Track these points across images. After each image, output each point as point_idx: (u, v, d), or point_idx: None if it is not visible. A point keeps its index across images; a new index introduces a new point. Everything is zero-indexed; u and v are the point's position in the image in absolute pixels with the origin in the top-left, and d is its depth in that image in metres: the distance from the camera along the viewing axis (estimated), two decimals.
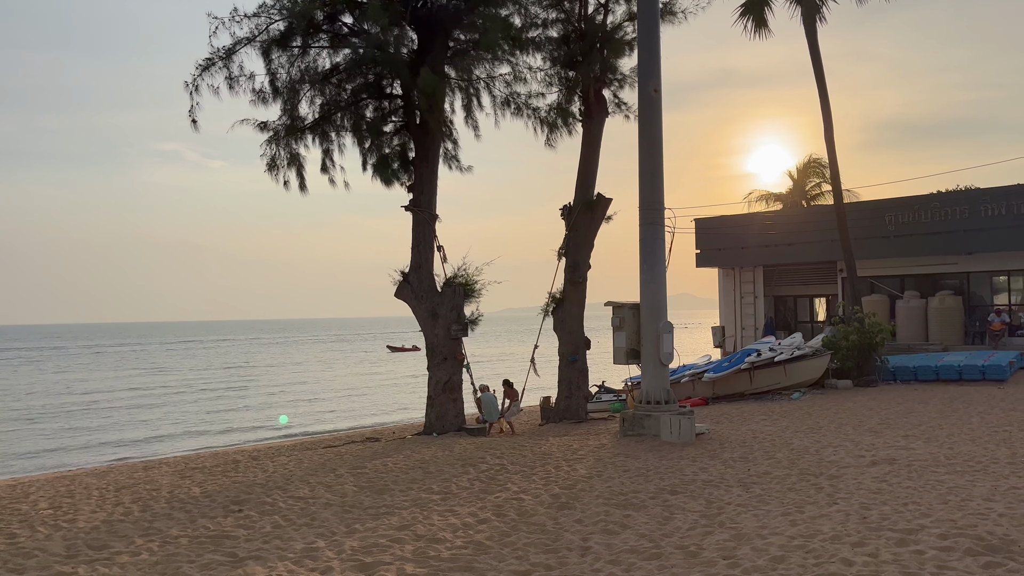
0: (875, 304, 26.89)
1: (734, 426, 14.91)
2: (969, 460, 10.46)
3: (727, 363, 21.51)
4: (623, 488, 9.60)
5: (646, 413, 13.33)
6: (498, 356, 62.90)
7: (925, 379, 20.74)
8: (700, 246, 31.32)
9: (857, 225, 27.08)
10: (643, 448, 12.50)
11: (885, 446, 11.82)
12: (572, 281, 18.89)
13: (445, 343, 15.97)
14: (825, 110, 22.50)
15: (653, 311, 13.60)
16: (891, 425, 13.98)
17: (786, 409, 17.46)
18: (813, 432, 13.61)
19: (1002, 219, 24.72)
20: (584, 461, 11.60)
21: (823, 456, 11.18)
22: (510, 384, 18.41)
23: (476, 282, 16.47)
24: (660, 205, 13.69)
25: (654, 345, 13.51)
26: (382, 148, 17.51)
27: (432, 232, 16.90)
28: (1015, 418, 14.10)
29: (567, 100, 19.65)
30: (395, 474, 11.02)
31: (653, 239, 13.62)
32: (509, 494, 9.48)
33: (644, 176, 13.70)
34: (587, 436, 14.79)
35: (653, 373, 13.56)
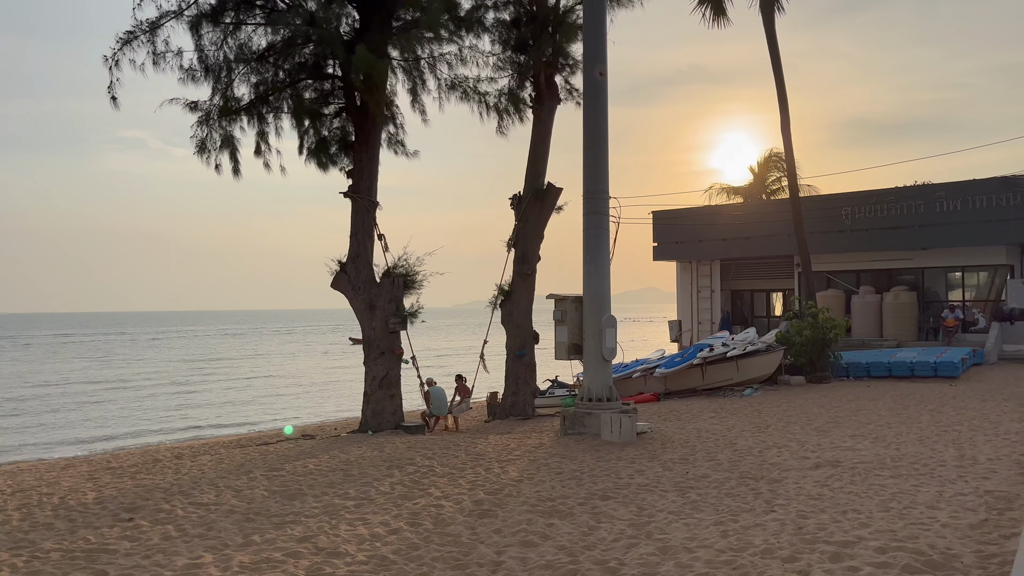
0: (831, 299, 26.71)
1: (680, 424, 14.41)
2: (916, 462, 10.04)
3: (679, 358, 21.06)
4: (552, 493, 8.99)
5: (587, 411, 12.75)
6: (465, 349, 62.28)
7: (878, 375, 20.49)
8: (657, 239, 30.91)
9: (814, 219, 26.86)
10: (582, 448, 11.92)
11: (831, 447, 11.38)
12: (521, 273, 18.29)
13: (383, 337, 15.23)
14: (782, 102, 22.13)
15: (596, 304, 13.02)
16: (840, 424, 13.58)
17: (736, 406, 17.03)
18: (760, 431, 13.15)
19: (957, 214, 24.62)
20: (518, 462, 10.99)
21: (766, 458, 10.69)
22: (462, 379, 17.74)
23: (417, 273, 15.75)
24: (604, 194, 13.10)
25: (597, 340, 12.93)
26: (320, 131, 16.72)
27: (372, 220, 16.13)
28: (965, 417, 13.78)
29: (519, 85, 19.01)
30: (313, 477, 10.30)
31: (597, 229, 13.03)
32: (430, 500, 8.82)
33: (588, 163, 13.09)
34: (529, 434, 14.20)
35: (595, 369, 12.99)
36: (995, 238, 24.17)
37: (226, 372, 48.80)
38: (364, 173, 16.16)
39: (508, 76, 18.98)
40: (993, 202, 24.00)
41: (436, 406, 16.40)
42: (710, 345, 21.03)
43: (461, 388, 17.36)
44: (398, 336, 15.49)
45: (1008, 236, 23.96)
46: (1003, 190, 23.86)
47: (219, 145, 16.35)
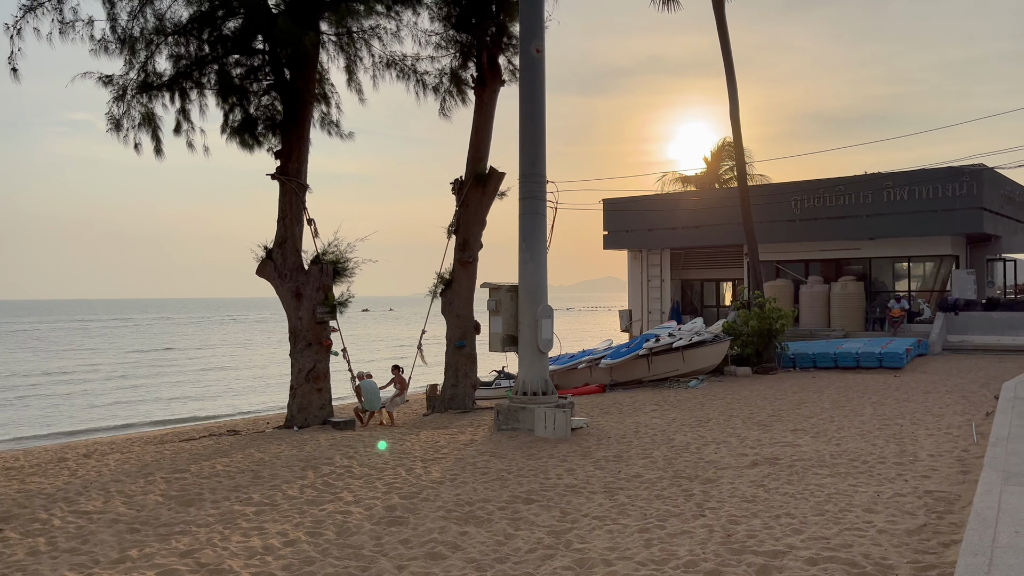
0: (780, 289, 26.54)
1: (620, 418, 13.91)
2: (855, 459, 9.63)
3: (625, 349, 20.62)
4: (472, 496, 8.37)
5: (521, 406, 12.16)
6: (410, 339, 61.45)
7: (824, 366, 20.29)
8: (608, 227, 30.45)
9: (763, 208, 26.63)
10: (513, 445, 11.32)
11: (771, 442, 10.95)
12: (462, 261, 17.63)
13: (310, 327, 14.44)
14: (731, 88, 21.73)
15: (532, 294, 12.41)
16: (782, 417, 13.20)
17: (680, 398, 16.62)
18: (700, 425, 12.70)
19: (903, 204, 24.57)
20: (443, 461, 10.35)
21: (703, 455, 10.21)
22: (399, 370, 17.02)
23: (348, 260, 14.98)
24: (541, 177, 12.47)
25: (532, 331, 12.34)
26: (248, 110, 15.81)
27: (301, 204, 15.30)
28: (907, 410, 13.51)
29: (462, 66, 18.30)
30: (218, 479, 9.54)
31: (533, 215, 12.40)
32: (339, 505, 8.14)
33: (524, 144, 12.44)
34: (464, 429, 13.58)
35: (530, 362, 12.39)
36: (941, 228, 24.18)
37: (182, 363, 47.34)
38: (293, 154, 15.31)
39: (450, 56, 18.27)
40: (939, 192, 23.98)
41: (368, 400, 15.70)
42: (656, 335, 20.63)
43: (398, 380, 16.66)
44: (326, 326, 14.71)
45: (953, 226, 23.97)
46: (949, 180, 23.85)
47: (138, 123, 15.37)
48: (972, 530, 5.37)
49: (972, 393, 15.19)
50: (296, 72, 15.07)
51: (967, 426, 11.59)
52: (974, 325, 23.53)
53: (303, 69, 14.87)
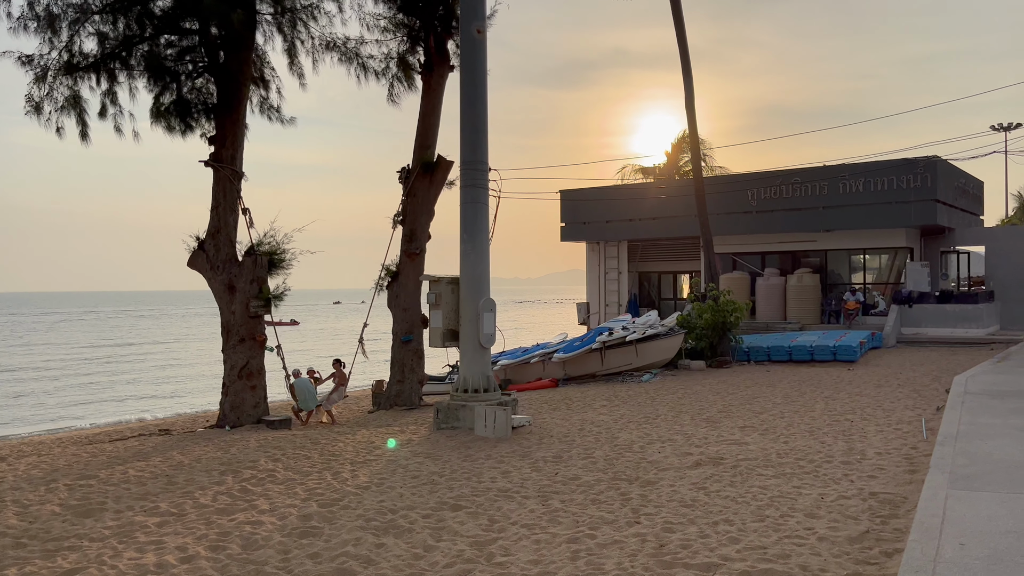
0: (736, 281, 26.34)
1: (568, 414, 13.47)
2: (802, 458, 9.28)
3: (579, 343, 20.21)
4: (397, 503, 7.84)
5: (462, 403, 11.64)
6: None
7: (778, 359, 20.07)
8: (565, 219, 30.01)
9: (720, 200, 26.39)
10: (451, 445, 10.81)
11: (717, 440, 10.57)
12: (408, 252, 17.05)
13: (243, 322, 13.76)
14: (687, 76, 21.37)
15: (473, 287, 11.89)
16: (731, 413, 12.85)
17: (632, 393, 16.24)
18: (648, 422, 12.30)
19: (859, 196, 24.48)
20: (374, 464, 9.80)
21: (646, 454, 9.79)
22: (340, 364, 16.39)
23: (284, 251, 14.30)
24: (483, 164, 11.94)
25: (474, 325, 11.81)
26: (180, 92, 15.05)
27: (236, 192, 14.58)
28: (859, 404, 13.25)
29: (410, 50, 17.68)
30: (127, 486, 8.88)
31: (474, 204, 11.87)
32: (252, 515, 7.55)
33: (465, 130, 11.90)
34: (405, 428, 13.04)
35: (472, 357, 11.88)
36: (896, 220, 24.12)
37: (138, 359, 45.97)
38: (227, 140, 14.58)
39: (398, 40, 17.63)
40: (894, 184, 23.91)
41: (303, 399, 15.08)
42: (610, 329, 20.26)
43: (338, 375, 16.03)
44: (260, 321, 14.03)
45: (908, 218, 23.93)
46: (903, 172, 23.79)
47: (60, 106, 14.53)
48: (915, 542, 4.98)
49: (924, 387, 15.01)
50: (230, 53, 14.34)
51: (917, 421, 11.34)
52: (928, 317, 23.54)
53: (237, 50, 14.14)
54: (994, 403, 11.00)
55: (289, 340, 16.97)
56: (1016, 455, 7.63)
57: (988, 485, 6.46)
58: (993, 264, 26.15)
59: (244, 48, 14.48)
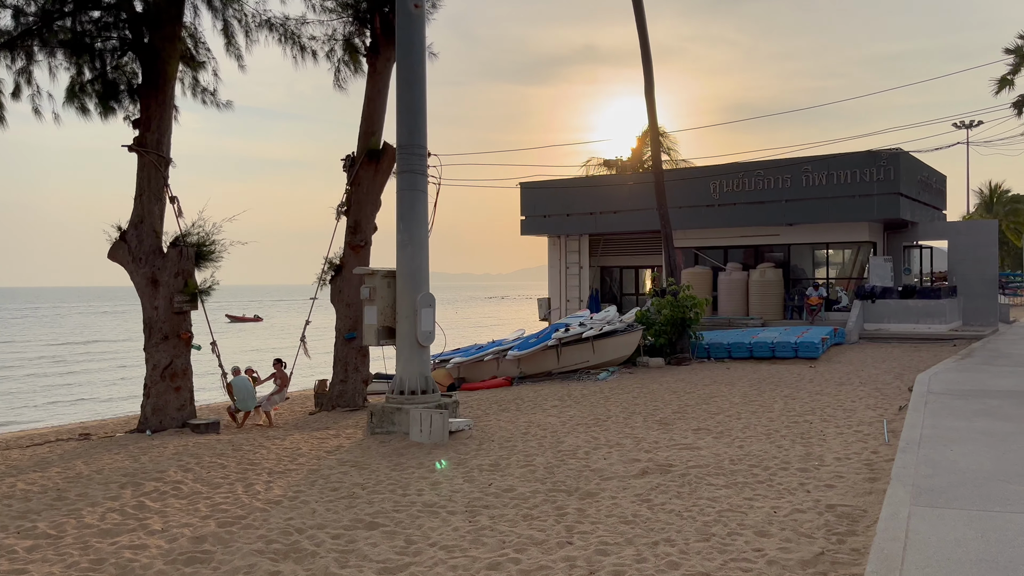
0: (699, 276, 25.80)
1: (515, 416, 12.72)
2: (757, 465, 8.62)
3: (534, 339, 19.47)
4: (307, 521, 7.02)
5: (397, 406, 10.83)
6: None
7: (739, 356, 19.50)
8: (525, 212, 29.25)
9: (682, 193, 25.83)
10: (383, 452, 10.00)
11: (669, 444, 9.88)
12: (352, 245, 16.15)
13: (167, 318, 12.80)
14: (646, 63, 20.70)
15: (411, 280, 11.07)
16: (686, 414, 12.19)
17: (586, 392, 15.54)
18: (598, 424, 11.59)
19: (823, 189, 24.03)
20: (295, 473, 8.96)
21: (591, 461, 9.06)
22: (281, 364, 15.47)
23: (213, 242, 13.36)
24: (421, 148, 11.12)
25: (411, 322, 11.00)
26: (106, 72, 14.02)
27: (162, 179, 13.60)
28: (819, 404, 12.66)
29: (358, 32, 16.78)
30: (8, 503, 7.95)
31: (412, 191, 11.05)
32: (138, 537, 6.69)
33: (402, 111, 11.07)
34: (341, 432, 12.22)
35: (408, 356, 11.06)
36: (859, 214, 23.72)
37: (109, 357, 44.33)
38: (152, 123, 13.58)
39: (343, 21, 16.73)
40: (857, 177, 23.50)
41: (241, 399, 14.16)
42: (567, 325, 19.55)
43: (279, 375, 15.12)
44: (186, 317, 13.07)
45: (871, 212, 23.53)
46: (866, 165, 23.38)
47: None
48: (873, 574, 4.28)
49: (886, 385, 14.50)
50: (154, 29, 13.34)
51: (879, 423, 10.76)
52: (890, 313, 23.17)
53: (160, 26, 13.17)
54: (958, 404, 10.45)
55: (256, 337, 16.05)
56: (983, 464, 7.01)
57: (955, 500, 5.82)
58: (956, 259, 25.90)
59: (169, 23, 13.49)
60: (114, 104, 13.93)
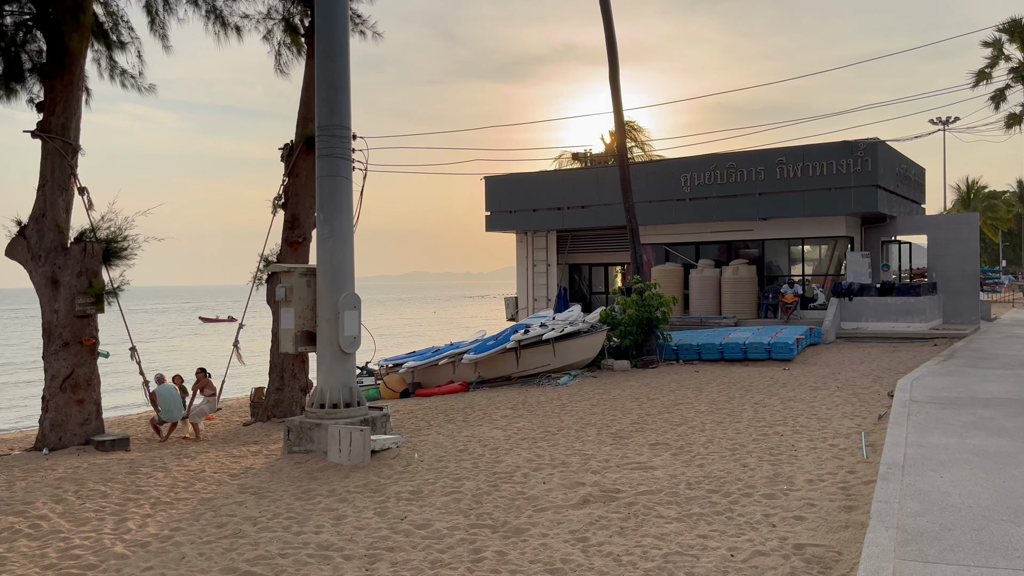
0: (669, 273, 24.72)
1: (457, 429, 11.50)
2: (717, 489, 7.46)
3: (492, 341, 18.26)
4: (168, 572, 5.77)
5: (316, 421, 9.58)
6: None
7: (709, 358, 18.39)
8: (490, 207, 28.02)
9: (651, 187, 24.72)
10: (294, 476, 8.75)
11: (620, 463, 8.71)
12: (290, 241, 14.92)
13: (68, 322, 11.45)
14: (611, 49, 19.54)
15: (333, 279, 9.83)
16: (645, 426, 11.03)
17: (544, 399, 14.36)
18: (547, 438, 10.41)
19: (798, 181, 23.00)
20: (182, 505, 7.68)
21: (528, 486, 7.86)
22: (205, 374, 14.18)
23: (126, 238, 12.03)
24: (343, 130, 9.87)
25: (333, 326, 9.76)
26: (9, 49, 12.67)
27: (68, 168, 12.25)
28: (792, 413, 11.55)
29: (302, 11, 15.55)
30: None
31: (333, 177, 9.80)
32: None
33: (322, 88, 9.82)
34: (262, 448, 10.96)
35: (330, 365, 9.81)
36: (835, 208, 22.71)
37: None
38: (57, 106, 12.23)
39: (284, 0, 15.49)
40: (833, 168, 22.47)
41: (166, 410, 12.88)
42: (527, 326, 18.38)
43: (203, 384, 13.83)
44: (91, 322, 11.72)
45: (848, 206, 22.53)
46: (843, 156, 22.36)
47: None
48: None
49: (864, 389, 13.43)
50: (55, 1, 11.99)
51: (856, 434, 9.66)
52: (868, 311, 22.19)
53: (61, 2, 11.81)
54: (944, 415, 9.35)
55: (230, 338, 14.77)
56: (981, 497, 5.87)
57: (950, 552, 4.68)
58: (935, 254, 24.98)
59: None
60: (16, 85, 12.56)
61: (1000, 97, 49.14)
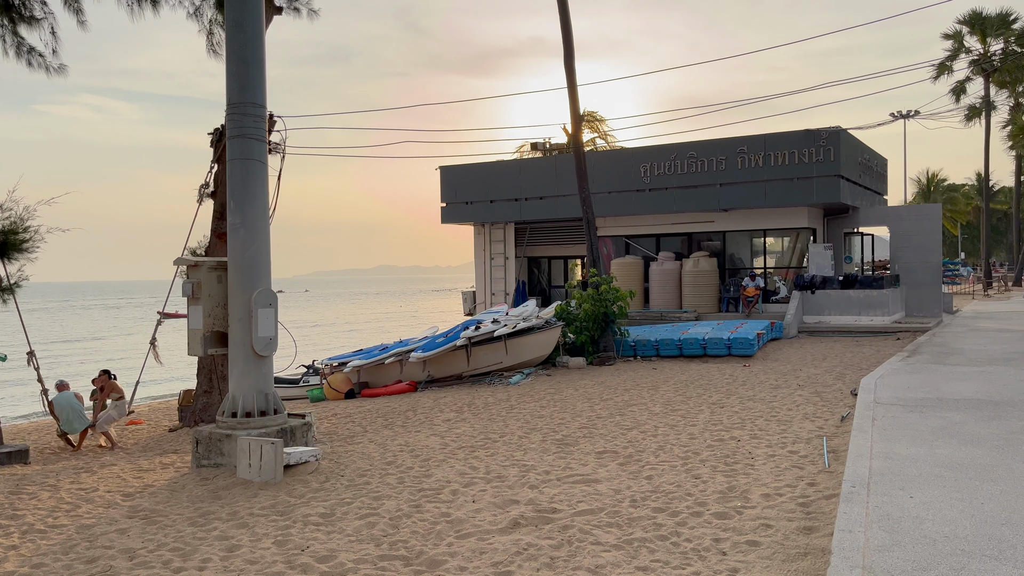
0: (629, 266, 24.02)
1: (392, 436, 10.62)
2: (664, 508, 6.68)
3: (442, 338, 17.36)
4: None
5: (228, 431, 8.62)
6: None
7: (668, 354, 17.69)
8: (446, 199, 27.06)
9: (610, 177, 23.98)
10: (195, 496, 7.80)
11: (561, 476, 7.89)
12: (219, 233, 13.86)
13: None
14: (565, 31, 18.69)
15: (245, 273, 8.87)
16: (595, 431, 10.24)
17: (492, 400, 13.52)
18: (487, 446, 9.57)
19: (759, 171, 22.38)
20: (55, 534, 6.71)
21: (455, 506, 7.01)
22: (109, 375, 13.09)
23: (24, 229, 10.94)
24: (258, 108, 8.91)
25: (245, 326, 8.80)
26: None
27: None
28: (751, 415, 10.83)
29: None
30: None
31: (244, 160, 8.84)
32: None
33: (232, 62, 8.85)
34: (176, 460, 9.98)
35: (243, 369, 8.86)
36: (797, 198, 22.14)
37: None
38: None
39: None
40: (795, 158, 21.89)
41: (65, 420, 11.81)
42: (478, 322, 17.51)
43: (109, 388, 12.75)
44: None
45: (810, 196, 21.97)
46: (805, 145, 21.79)
47: None
48: None
49: (826, 387, 12.78)
50: None
51: (818, 439, 8.96)
52: (831, 304, 21.68)
53: None
54: (912, 419, 8.67)
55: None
56: (958, 523, 5.12)
57: None
58: (898, 246, 24.56)
59: None
60: None
61: (960, 89, 49.41)
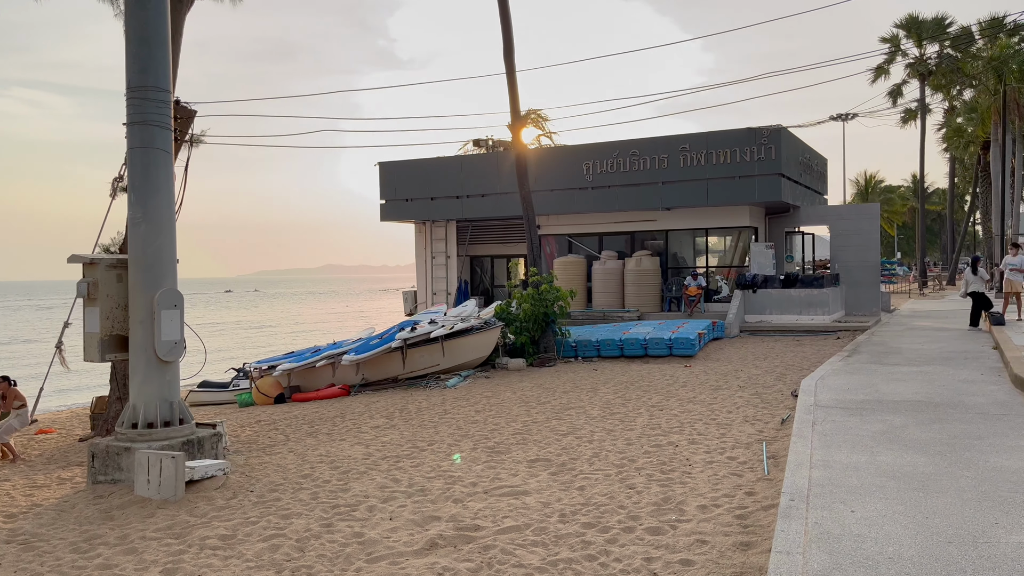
0: (572, 265, 23.68)
1: (314, 444, 10.00)
2: (595, 523, 6.23)
3: (376, 340, 16.74)
4: None
5: (127, 444, 7.92)
6: None
7: (609, 355, 17.35)
8: (385, 196, 26.36)
9: (553, 174, 23.61)
10: (84, 517, 7.09)
11: (488, 487, 7.40)
12: None
13: None
14: (505, 23, 18.24)
15: (147, 272, 8.17)
16: (529, 436, 9.78)
17: (426, 404, 12.98)
18: (412, 455, 9.03)
19: (702, 169, 22.25)
20: None
21: (369, 524, 6.46)
22: (9, 382, 12.16)
23: None
24: (160, 92, 8.20)
25: (147, 329, 8.10)
26: None
27: None
28: (690, 418, 10.49)
29: None
30: None
31: (146, 149, 8.14)
32: None
33: (132, 41, 8.14)
34: (76, 475, 9.20)
35: (145, 375, 8.16)
36: (739, 197, 22.07)
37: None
38: None
39: None
40: (737, 156, 21.81)
41: None
42: (415, 323, 16.93)
43: (11, 396, 11.84)
44: None
45: (751, 195, 21.92)
46: (747, 143, 21.72)
47: None
48: None
49: (767, 388, 12.55)
50: None
51: (758, 443, 8.64)
52: (772, 304, 21.65)
53: None
54: (852, 423, 8.40)
55: None
56: (902, 543, 4.75)
57: None
58: (838, 245, 24.72)
59: None
60: None
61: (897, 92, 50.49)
